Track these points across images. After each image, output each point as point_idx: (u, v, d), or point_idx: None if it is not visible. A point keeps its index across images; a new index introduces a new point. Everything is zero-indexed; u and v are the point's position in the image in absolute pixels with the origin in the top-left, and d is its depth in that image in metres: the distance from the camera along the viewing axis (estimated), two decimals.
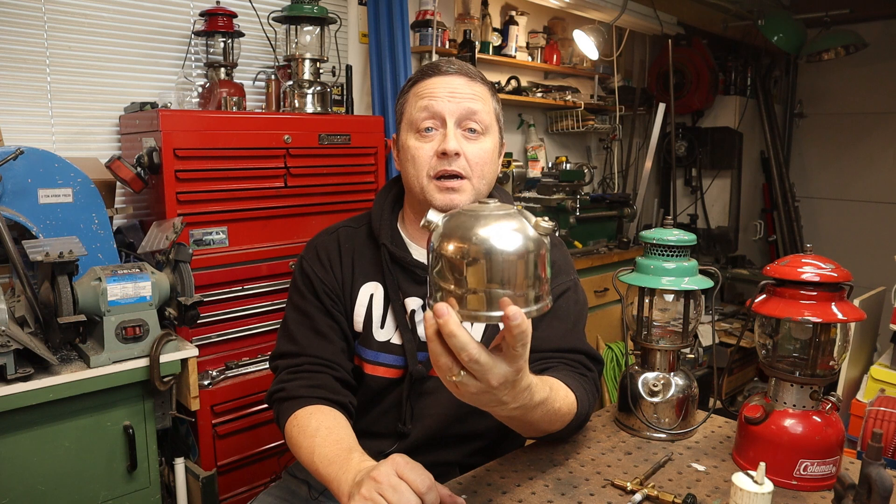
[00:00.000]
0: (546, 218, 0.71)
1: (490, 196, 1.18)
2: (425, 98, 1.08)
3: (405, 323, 1.11)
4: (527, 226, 0.70)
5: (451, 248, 0.69)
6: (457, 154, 1.05)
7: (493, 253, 0.67)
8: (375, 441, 1.13)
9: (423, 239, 1.16)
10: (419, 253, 1.15)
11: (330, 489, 0.91)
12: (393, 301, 1.12)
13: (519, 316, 0.67)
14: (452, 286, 0.69)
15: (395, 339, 1.13)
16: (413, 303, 1.12)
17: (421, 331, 1.12)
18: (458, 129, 1.07)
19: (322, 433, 0.98)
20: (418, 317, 1.12)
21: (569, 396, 0.98)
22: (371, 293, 1.14)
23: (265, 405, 1.95)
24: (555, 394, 0.92)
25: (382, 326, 1.13)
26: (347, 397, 1.10)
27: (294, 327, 1.15)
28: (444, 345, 0.70)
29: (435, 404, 1.12)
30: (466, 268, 0.68)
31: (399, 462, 0.81)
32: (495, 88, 1.16)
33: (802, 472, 0.96)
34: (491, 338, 0.91)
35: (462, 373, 0.72)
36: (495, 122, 1.13)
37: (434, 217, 0.72)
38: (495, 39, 3.27)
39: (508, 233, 0.68)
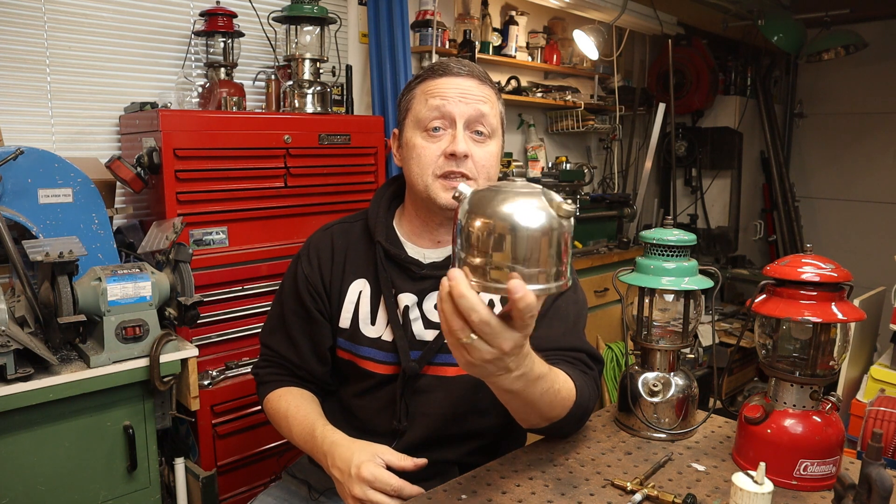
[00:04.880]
0: (569, 200, 0.72)
1: None
2: (436, 97, 1.08)
3: (397, 319, 1.12)
4: (548, 206, 0.71)
5: (473, 221, 0.71)
6: (465, 156, 1.06)
7: (512, 229, 0.69)
8: (374, 439, 1.12)
9: (419, 237, 1.17)
10: (414, 251, 1.15)
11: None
12: (386, 297, 1.13)
13: (521, 290, 0.68)
14: (471, 257, 0.72)
15: (387, 336, 1.13)
16: (406, 299, 1.12)
17: (415, 328, 1.12)
18: (466, 131, 1.08)
19: (291, 412, 1.16)
20: (412, 314, 1.12)
21: (568, 382, 0.99)
22: (360, 290, 1.16)
23: None
24: (554, 374, 0.94)
25: (373, 323, 1.14)
26: (312, 385, 1.24)
27: (275, 322, 1.25)
28: (455, 307, 0.72)
29: (430, 403, 1.12)
30: (484, 241, 0.70)
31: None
32: (499, 90, 1.17)
33: (802, 472, 0.96)
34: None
35: (473, 336, 0.73)
36: (500, 125, 1.14)
37: (464, 189, 0.75)
38: (495, 39, 3.27)
39: (530, 210, 0.70)
